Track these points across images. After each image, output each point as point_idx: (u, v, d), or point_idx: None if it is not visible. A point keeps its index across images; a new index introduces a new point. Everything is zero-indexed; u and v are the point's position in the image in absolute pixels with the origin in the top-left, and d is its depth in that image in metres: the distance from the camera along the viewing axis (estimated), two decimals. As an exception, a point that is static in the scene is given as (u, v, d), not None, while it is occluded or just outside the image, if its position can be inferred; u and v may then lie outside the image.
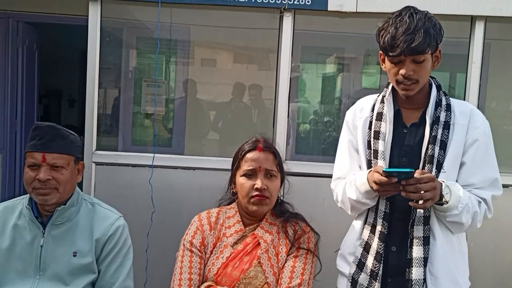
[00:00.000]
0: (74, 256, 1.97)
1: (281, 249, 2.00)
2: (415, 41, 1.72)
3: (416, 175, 1.67)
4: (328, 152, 3.89)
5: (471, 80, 3.22)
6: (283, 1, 3.13)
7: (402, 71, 1.79)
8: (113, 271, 2.00)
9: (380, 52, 1.87)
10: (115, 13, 3.47)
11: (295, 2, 3.14)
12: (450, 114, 1.87)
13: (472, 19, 3.18)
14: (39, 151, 1.92)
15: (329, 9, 3.16)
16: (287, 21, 3.20)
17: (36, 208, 2.00)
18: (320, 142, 3.93)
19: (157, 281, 3.18)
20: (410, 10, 1.80)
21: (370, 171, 1.81)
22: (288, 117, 3.30)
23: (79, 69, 7.29)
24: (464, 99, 3.21)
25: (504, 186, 3.11)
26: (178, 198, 3.23)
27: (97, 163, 3.23)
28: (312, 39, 3.77)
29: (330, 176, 3.18)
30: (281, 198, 2.15)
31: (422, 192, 1.68)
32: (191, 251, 2.00)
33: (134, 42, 3.85)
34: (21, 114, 5.16)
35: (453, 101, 1.93)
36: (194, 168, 3.26)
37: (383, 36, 1.79)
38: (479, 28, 3.18)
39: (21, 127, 5.17)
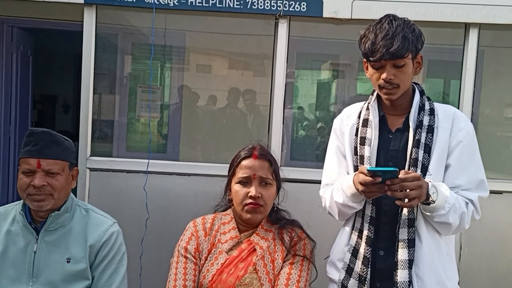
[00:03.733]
0: (68, 262, 1.96)
1: (277, 255, 2.00)
2: (393, 45, 1.78)
3: (401, 175, 1.69)
4: (323, 158, 3.90)
5: (465, 87, 3.23)
6: (278, 8, 3.14)
7: (383, 76, 1.84)
8: (107, 277, 1.99)
9: (364, 60, 1.92)
10: (110, 19, 3.47)
11: (291, 9, 3.14)
12: (434, 118, 1.91)
13: (466, 26, 3.19)
14: (34, 157, 1.92)
15: (324, 15, 3.16)
16: (283, 28, 3.20)
17: (30, 214, 1.99)
18: (315, 148, 3.94)
19: (151, 287, 3.16)
20: (389, 17, 1.87)
21: (356, 173, 1.83)
22: (283, 123, 3.30)
23: (74, 75, 7.29)
24: (458, 106, 3.23)
25: (498, 192, 3.16)
26: (172, 204, 3.21)
27: (91, 169, 3.22)
28: (307, 45, 3.78)
29: (325, 183, 3.22)
30: (277, 205, 2.14)
31: (408, 190, 1.70)
32: (185, 257, 1.99)
33: (129, 48, 3.85)
34: (15, 120, 5.14)
35: (436, 105, 1.97)
36: (189, 174, 3.25)
37: (364, 42, 1.86)
38: (473, 35, 3.20)
39: (15, 132, 5.15)
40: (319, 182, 3.21)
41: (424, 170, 1.85)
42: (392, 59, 1.80)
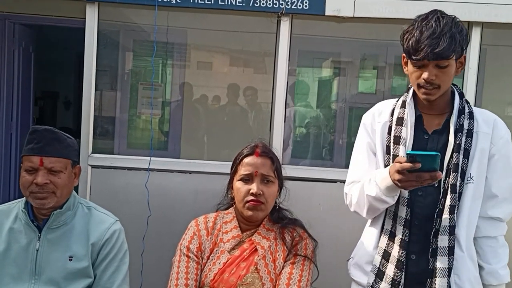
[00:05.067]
0: (70, 260, 1.96)
1: (279, 255, 1.99)
2: (439, 46, 1.70)
3: None
4: (324, 156, 3.90)
5: (467, 86, 3.23)
6: (280, 6, 3.14)
7: (424, 75, 1.76)
8: (109, 275, 1.99)
9: (403, 55, 1.85)
10: (112, 16, 3.47)
11: (293, 7, 3.14)
12: (473, 122, 1.84)
13: (469, 25, 3.19)
14: (37, 155, 1.91)
15: (326, 13, 3.16)
16: (285, 26, 3.20)
17: (32, 211, 1.99)
18: (316, 146, 3.94)
19: (152, 285, 3.17)
20: (437, 14, 1.78)
21: (392, 164, 1.73)
22: (284, 121, 3.30)
23: (75, 72, 7.29)
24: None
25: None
26: (173, 202, 3.22)
27: (93, 166, 3.22)
28: (309, 43, 3.78)
29: (326, 181, 3.22)
30: (278, 204, 2.12)
31: None
32: (187, 256, 1.99)
33: (131, 45, 3.85)
34: (16, 116, 5.14)
35: (475, 109, 1.90)
36: (190, 172, 3.26)
37: (408, 39, 1.77)
38: (476, 34, 3.19)
39: (17, 129, 5.16)
40: (320, 180, 3.25)
41: (463, 175, 1.80)
42: (436, 60, 1.72)
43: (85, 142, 3.22)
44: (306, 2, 3.13)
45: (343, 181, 2.06)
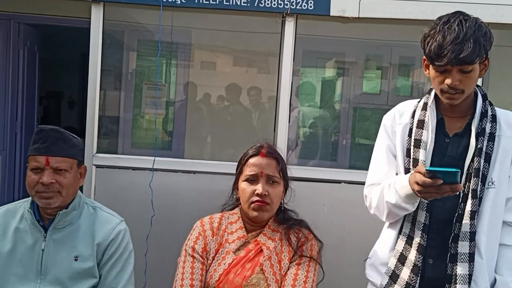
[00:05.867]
0: (75, 260, 1.96)
1: (284, 256, 2.00)
2: (464, 51, 1.63)
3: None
4: (328, 156, 3.90)
5: (472, 86, 3.22)
6: (285, 6, 3.14)
7: (448, 81, 1.70)
8: (114, 275, 2.00)
9: (424, 57, 1.79)
10: (117, 16, 3.47)
11: (298, 7, 3.14)
12: (496, 126, 1.79)
13: (474, 25, 3.18)
14: (43, 154, 1.92)
15: (331, 14, 3.16)
16: (289, 26, 3.20)
17: (38, 211, 2.00)
18: (320, 147, 3.94)
19: (156, 285, 3.17)
20: (459, 17, 1.71)
21: (412, 172, 1.70)
22: (289, 121, 3.30)
23: (80, 71, 7.31)
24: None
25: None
26: (177, 202, 3.22)
27: (97, 166, 3.23)
28: (314, 43, 3.77)
29: (330, 181, 3.22)
30: (284, 205, 2.12)
31: None
32: (193, 256, 2.00)
33: (135, 44, 3.85)
34: (21, 116, 5.15)
35: (498, 111, 1.85)
36: (194, 172, 3.26)
37: (430, 44, 1.70)
38: (480, 34, 3.18)
39: (21, 128, 5.17)
40: (323, 181, 3.24)
41: (483, 180, 1.76)
42: (460, 65, 1.66)
43: (89, 142, 3.22)
44: (311, 3, 3.13)
45: (347, 182, 2.06)
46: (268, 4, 3.14)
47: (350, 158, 3.72)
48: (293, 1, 3.13)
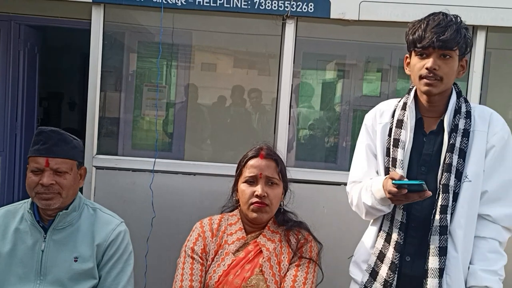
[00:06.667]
0: (75, 261, 1.97)
1: (283, 257, 2.00)
2: (445, 34, 1.73)
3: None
4: (328, 158, 3.90)
5: (472, 89, 3.23)
6: (286, 8, 3.14)
7: (427, 64, 1.77)
8: (114, 277, 2.00)
9: (406, 55, 1.87)
10: (118, 18, 3.48)
11: (298, 10, 3.15)
12: (470, 121, 1.84)
13: (474, 28, 3.19)
14: (43, 155, 1.93)
15: (331, 16, 3.17)
16: (290, 28, 3.20)
17: (38, 212, 2.00)
18: (320, 149, 3.94)
19: (156, 286, 3.17)
20: (444, 12, 1.83)
21: (386, 177, 1.77)
22: (289, 123, 3.30)
23: (80, 73, 7.30)
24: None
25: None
26: (178, 203, 3.22)
27: (97, 167, 3.23)
28: (314, 46, 3.78)
29: (330, 183, 3.22)
30: (283, 207, 2.13)
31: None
32: (192, 258, 2.00)
33: (136, 46, 3.86)
34: (21, 117, 5.15)
35: (473, 107, 1.90)
36: (194, 174, 3.26)
37: (414, 30, 1.81)
38: (481, 37, 3.19)
39: (21, 129, 5.17)
40: (323, 183, 3.25)
41: (459, 176, 1.80)
42: (441, 49, 1.75)
43: (90, 143, 3.22)
44: (311, 5, 3.14)
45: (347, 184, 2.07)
46: (268, 6, 3.15)
47: (350, 160, 3.71)
48: (293, 4, 3.14)
